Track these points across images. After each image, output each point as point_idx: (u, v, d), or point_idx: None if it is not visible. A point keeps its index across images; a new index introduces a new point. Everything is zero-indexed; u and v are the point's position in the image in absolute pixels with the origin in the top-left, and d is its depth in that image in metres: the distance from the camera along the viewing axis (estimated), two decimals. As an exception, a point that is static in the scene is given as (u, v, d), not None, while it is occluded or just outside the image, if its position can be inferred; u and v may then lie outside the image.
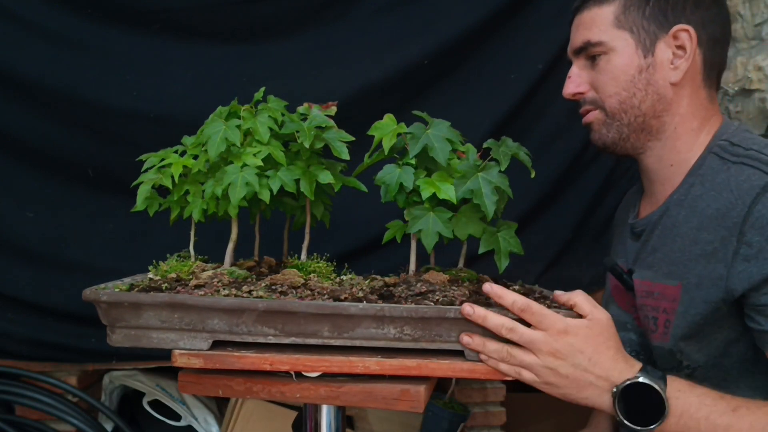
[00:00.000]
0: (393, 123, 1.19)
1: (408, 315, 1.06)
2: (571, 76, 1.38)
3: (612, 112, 1.33)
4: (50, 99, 1.82)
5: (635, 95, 1.31)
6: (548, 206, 1.98)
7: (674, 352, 1.26)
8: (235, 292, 1.10)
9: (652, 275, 1.30)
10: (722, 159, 1.25)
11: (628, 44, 1.30)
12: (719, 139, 1.29)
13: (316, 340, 1.09)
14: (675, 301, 1.25)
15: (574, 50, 1.38)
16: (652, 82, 1.30)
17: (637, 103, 1.31)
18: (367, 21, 1.89)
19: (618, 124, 1.33)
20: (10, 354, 1.88)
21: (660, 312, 1.27)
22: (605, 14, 1.32)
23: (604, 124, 1.35)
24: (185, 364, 1.09)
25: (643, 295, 1.32)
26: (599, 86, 1.34)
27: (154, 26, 1.84)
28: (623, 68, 1.31)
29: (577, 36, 1.37)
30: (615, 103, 1.32)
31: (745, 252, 1.16)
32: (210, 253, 1.31)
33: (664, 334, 1.26)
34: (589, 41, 1.33)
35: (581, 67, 1.37)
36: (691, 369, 1.25)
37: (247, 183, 1.13)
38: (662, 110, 1.31)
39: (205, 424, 2.02)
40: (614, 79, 1.31)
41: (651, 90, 1.30)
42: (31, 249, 1.86)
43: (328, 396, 1.10)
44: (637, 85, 1.30)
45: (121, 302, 1.09)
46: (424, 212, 1.16)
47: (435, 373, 1.08)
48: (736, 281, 1.17)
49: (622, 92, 1.31)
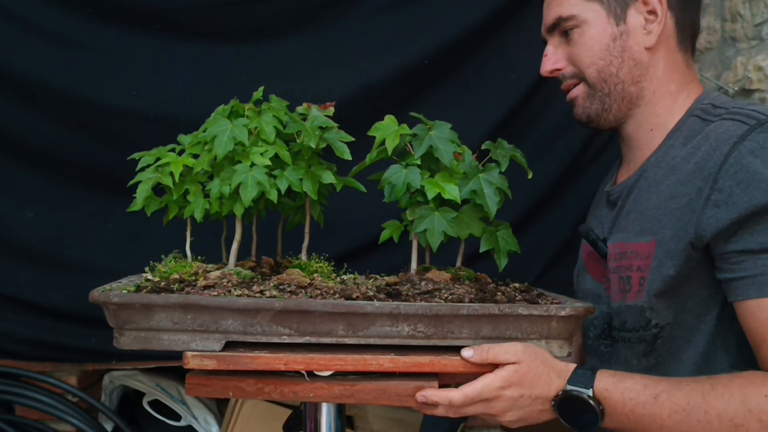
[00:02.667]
0: (394, 124, 1.19)
1: (423, 313, 1.08)
2: (548, 54, 1.41)
3: (593, 83, 1.35)
4: (50, 99, 1.82)
5: (612, 63, 1.33)
6: (548, 206, 1.97)
7: (645, 309, 1.26)
8: (247, 293, 1.09)
9: (624, 236, 1.32)
10: (704, 120, 1.27)
11: (599, 14, 1.33)
12: (701, 103, 1.31)
13: (330, 339, 1.09)
14: (650, 257, 1.25)
15: (547, 28, 1.40)
16: (626, 49, 1.33)
17: (614, 71, 1.33)
18: (367, 21, 1.89)
19: (600, 94, 1.35)
20: (10, 354, 1.88)
21: (634, 270, 1.28)
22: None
23: (587, 96, 1.36)
24: (198, 366, 1.07)
25: (616, 258, 1.32)
26: (576, 59, 1.36)
27: (154, 26, 1.84)
28: (597, 38, 1.33)
29: (548, 14, 1.39)
30: (594, 72, 1.34)
31: (716, 198, 1.16)
32: (203, 254, 1.31)
33: (639, 292, 1.27)
34: (560, 16, 1.36)
35: (556, 45, 1.40)
36: (658, 328, 1.25)
37: (258, 182, 1.13)
38: (639, 75, 1.34)
39: (205, 424, 2.02)
40: (589, 49, 1.34)
41: (627, 56, 1.33)
42: (31, 249, 1.86)
43: (342, 395, 1.10)
44: (613, 53, 1.33)
45: (132, 304, 1.07)
46: (429, 212, 1.18)
47: (446, 369, 1.10)
48: (705, 226, 1.17)
49: (599, 61, 1.34)
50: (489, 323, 1.09)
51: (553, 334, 1.11)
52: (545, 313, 1.10)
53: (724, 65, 1.95)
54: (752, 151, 1.15)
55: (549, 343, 1.12)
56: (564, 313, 1.10)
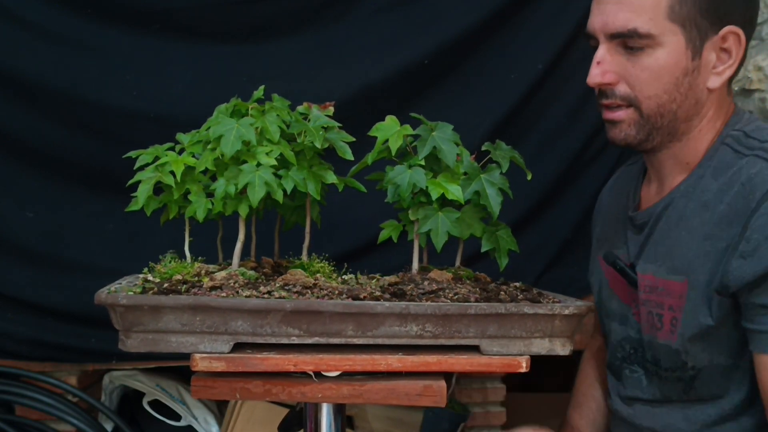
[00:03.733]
0: (396, 124, 1.20)
1: (431, 312, 1.08)
2: (601, 62, 1.20)
3: (647, 115, 1.20)
4: (50, 99, 1.82)
5: (675, 99, 1.18)
6: (548, 206, 1.98)
7: (680, 352, 1.22)
8: (255, 293, 1.09)
9: (655, 269, 1.25)
10: (736, 152, 1.18)
11: (678, 42, 1.16)
12: (732, 129, 1.21)
13: (339, 339, 1.09)
14: (682, 297, 1.20)
15: (609, 33, 1.19)
16: (693, 87, 1.19)
17: (674, 108, 1.19)
18: (367, 21, 1.89)
19: (650, 127, 1.20)
20: (10, 354, 1.88)
21: (665, 309, 1.23)
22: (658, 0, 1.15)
23: (635, 124, 1.21)
24: (207, 368, 1.06)
25: (646, 290, 1.26)
26: (636, 83, 1.18)
27: (154, 26, 1.84)
28: (669, 68, 1.17)
29: (616, 16, 1.17)
30: (653, 105, 1.19)
31: (743, 248, 1.12)
32: (199, 254, 1.30)
33: (671, 333, 1.22)
34: (636, 30, 1.15)
35: (613, 53, 1.19)
36: (695, 370, 1.22)
37: (265, 182, 1.12)
38: (693, 114, 1.21)
39: (205, 424, 2.01)
40: (657, 79, 1.17)
41: (691, 95, 1.19)
42: (31, 249, 1.86)
43: (350, 395, 1.10)
44: (680, 89, 1.18)
45: (140, 306, 1.05)
46: (433, 212, 1.19)
47: (454, 368, 1.10)
48: (731, 277, 1.13)
49: (663, 95, 1.18)
50: (495, 322, 1.10)
51: (556, 333, 1.12)
52: (549, 311, 1.10)
53: (723, 65, 1.95)
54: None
55: (552, 341, 1.12)
56: (568, 312, 1.11)
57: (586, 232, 1.99)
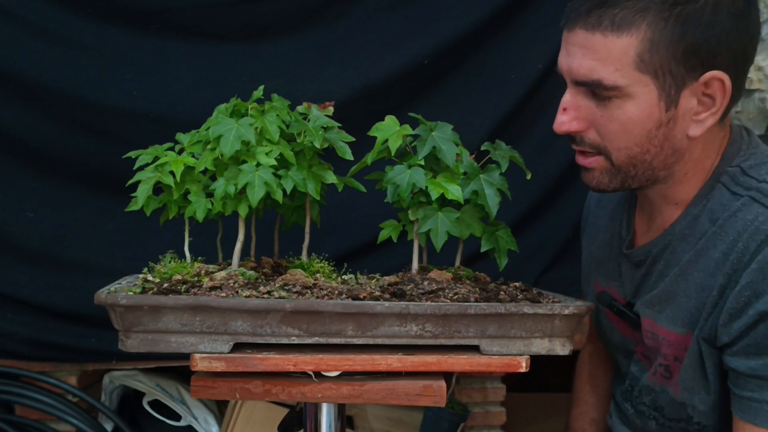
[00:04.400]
0: (395, 124, 1.20)
1: (431, 312, 1.08)
2: (567, 108, 1.12)
3: (618, 165, 1.12)
4: (50, 99, 1.82)
5: (648, 151, 1.09)
6: (548, 206, 1.98)
7: (686, 406, 1.18)
8: (255, 294, 1.09)
9: (654, 315, 1.19)
10: (732, 193, 1.10)
11: (649, 93, 1.05)
12: (729, 165, 1.12)
13: (339, 339, 1.09)
14: (686, 350, 1.15)
15: (575, 80, 1.10)
16: (669, 138, 1.09)
17: (649, 159, 1.10)
18: (367, 21, 1.89)
19: (623, 176, 1.13)
20: (10, 354, 1.88)
21: (671, 360, 1.18)
22: (624, 47, 1.04)
23: (607, 172, 1.14)
24: (206, 368, 1.06)
25: (648, 335, 1.21)
26: (606, 135, 1.10)
27: (154, 26, 1.84)
28: (640, 121, 1.07)
29: (581, 63, 1.07)
30: (624, 157, 1.10)
31: (731, 305, 1.06)
32: (199, 254, 1.30)
33: (676, 384, 1.18)
34: (600, 82, 1.06)
35: (581, 97, 1.11)
36: (701, 426, 1.18)
37: (265, 182, 1.12)
38: (674, 162, 1.12)
39: (205, 424, 2.02)
40: (627, 132, 1.08)
41: (667, 145, 1.09)
42: (30, 249, 1.86)
43: (350, 395, 1.10)
44: (653, 142, 1.08)
45: (140, 306, 1.05)
46: (433, 212, 1.19)
47: (453, 368, 1.10)
48: (719, 333, 1.10)
49: (634, 147, 1.09)
50: (495, 322, 1.10)
51: (556, 333, 1.12)
52: (549, 311, 1.10)
53: (723, 65, 1.95)
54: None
55: (552, 341, 1.12)
56: (567, 312, 1.11)
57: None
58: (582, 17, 1.06)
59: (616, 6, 1.04)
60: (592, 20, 1.05)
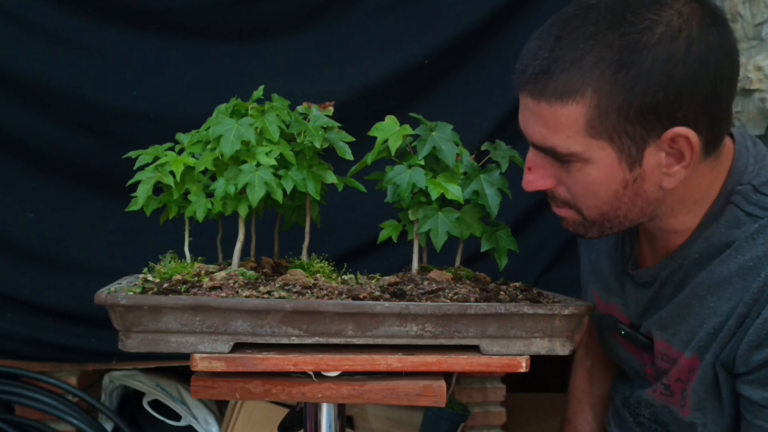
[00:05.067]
0: (395, 124, 1.20)
1: (431, 312, 1.08)
2: (532, 168, 1.08)
3: (592, 221, 1.09)
4: (50, 99, 1.82)
5: (620, 208, 1.06)
6: (548, 206, 1.97)
7: (696, 426, 1.18)
8: (255, 294, 1.09)
9: (667, 337, 1.17)
10: (747, 214, 1.06)
11: (608, 156, 1.00)
12: (738, 183, 1.07)
13: (339, 339, 1.09)
14: (693, 372, 1.14)
15: (533, 144, 1.07)
16: (639, 194, 1.04)
17: (622, 214, 1.07)
18: (367, 21, 1.89)
19: (599, 227, 1.10)
20: (10, 354, 1.89)
21: (672, 380, 1.18)
22: (572, 115, 0.99)
23: (581, 224, 1.11)
24: (206, 368, 1.06)
25: (659, 356, 1.20)
26: (572, 192, 1.07)
27: (154, 26, 1.85)
28: (605, 183, 1.03)
29: (534, 129, 1.04)
30: (595, 214, 1.07)
31: (752, 337, 1.04)
32: (199, 254, 1.30)
33: (682, 406, 1.18)
34: (554, 149, 1.03)
35: (542, 157, 1.07)
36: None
37: (265, 182, 1.12)
38: (653, 210, 1.08)
39: (205, 424, 2.02)
40: (593, 194, 1.05)
41: (639, 201, 1.05)
42: (30, 249, 1.86)
43: (350, 395, 1.10)
44: (622, 200, 1.04)
45: (140, 306, 1.05)
46: (433, 212, 1.19)
47: (453, 368, 1.10)
48: (739, 361, 1.08)
49: (603, 206, 1.06)
50: (495, 322, 1.10)
51: (556, 333, 1.12)
52: (549, 311, 1.10)
53: (723, 65, 1.95)
54: None
55: (552, 341, 1.12)
56: (567, 312, 1.11)
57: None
58: (528, 83, 1.02)
59: (560, 72, 0.98)
60: (537, 88, 1.00)
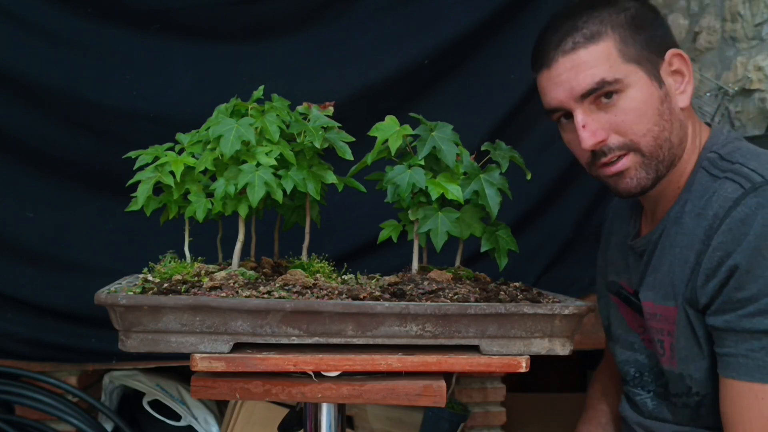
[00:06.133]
0: (395, 124, 1.20)
1: (431, 312, 1.08)
2: (586, 125, 1.21)
3: (649, 152, 1.21)
4: (50, 99, 1.82)
5: (665, 128, 1.21)
6: (548, 206, 1.98)
7: (684, 377, 1.23)
8: (255, 294, 1.09)
9: (653, 296, 1.27)
10: (711, 175, 1.21)
11: (641, 77, 1.20)
12: (709, 151, 1.24)
13: (339, 339, 1.09)
14: (674, 323, 1.22)
15: (580, 95, 1.20)
16: (672, 111, 1.22)
17: (668, 136, 1.21)
18: (367, 21, 1.89)
19: (655, 163, 1.22)
20: (10, 354, 1.89)
21: (665, 335, 1.24)
22: (607, 50, 1.19)
23: (642, 166, 1.22)
24: (206, 368, 1.07)
25: (648, 316, 1.28)
26: (626, 128, 1.20)
27: (154, 26, 1.85)
28: (648, 102, 1.20)
29: (578, 77, 1.20)
30: (650, 140, 1.20)
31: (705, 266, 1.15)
32: (199, 254, 1.30)
33: (671, 359, 1.24)
34: (604, 80, 1.18)
35: (590, 112, 1.21)
36: (700, 396, 1.22)
37: (265, 182, 1.12)
38: (683, 136, 1.24)
39: (205, 424, 2.02)
40: (642, 116, 1.19)
41: (674, 118, 1.22)
42: (31, 249, 1.86)
43: (350, 395, 1.10)
44: (664, 117, 1.21)
45: (140, 306, 1.05)
46: (433, 212, 1.19)
47: (453, 368, 1.10)
48: (697, 297, 1.17)
49: (654, 128, 1.20)
50: (495, 322, 1.10)
51: (556, 333, 1.12)
52: (549, 311, 1.10)
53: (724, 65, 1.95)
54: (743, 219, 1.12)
55: (552, 341, 1.12)
56: (567, 312, 1.11)
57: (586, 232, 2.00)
58: (557, 50, 1.22)
59: (581, 26, 1.21)
60: (569, 45, 1.21)
